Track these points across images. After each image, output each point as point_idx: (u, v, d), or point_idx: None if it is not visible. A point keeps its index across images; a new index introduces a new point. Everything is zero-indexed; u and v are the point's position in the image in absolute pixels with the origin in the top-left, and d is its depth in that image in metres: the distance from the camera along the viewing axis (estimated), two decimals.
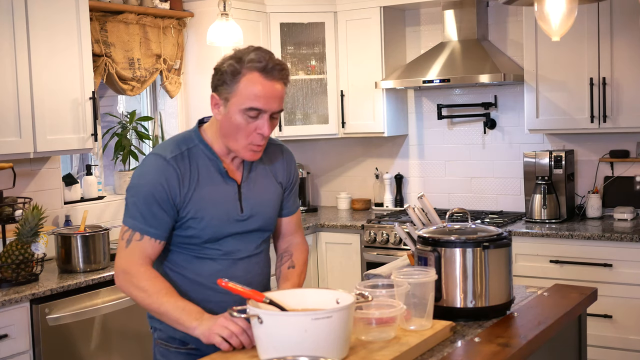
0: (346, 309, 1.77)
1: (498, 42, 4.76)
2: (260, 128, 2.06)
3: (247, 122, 2.05)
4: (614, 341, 3.95)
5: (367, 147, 5.32)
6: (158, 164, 2.09)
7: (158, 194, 2.06)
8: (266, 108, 2.04)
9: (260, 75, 2.03)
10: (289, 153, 2.34)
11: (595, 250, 3.97)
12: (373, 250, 4.56)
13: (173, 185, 2.07)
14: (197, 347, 2.13)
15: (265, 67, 2.03)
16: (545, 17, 2.67)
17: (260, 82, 2.02)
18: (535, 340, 2.09)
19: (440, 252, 2.23)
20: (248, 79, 2.03)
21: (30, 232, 3.24)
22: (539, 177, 4.39)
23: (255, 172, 2.23)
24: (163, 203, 2.07)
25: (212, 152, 2.15)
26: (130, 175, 4.37)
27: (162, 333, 2.21)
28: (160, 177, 2.07)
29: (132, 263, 2.07)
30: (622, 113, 4.12)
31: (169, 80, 4.56)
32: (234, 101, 2.04)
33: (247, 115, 2.04)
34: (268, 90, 2.03)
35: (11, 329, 3.04)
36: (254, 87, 2.02)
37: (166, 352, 2.21)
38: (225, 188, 2.15)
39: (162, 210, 2.07)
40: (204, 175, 2.12)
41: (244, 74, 2.03)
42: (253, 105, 2.03)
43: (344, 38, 4.93)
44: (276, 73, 2.05)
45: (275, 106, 2.06)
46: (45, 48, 3.53)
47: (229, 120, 2.07)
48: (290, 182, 2.33)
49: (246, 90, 2.02)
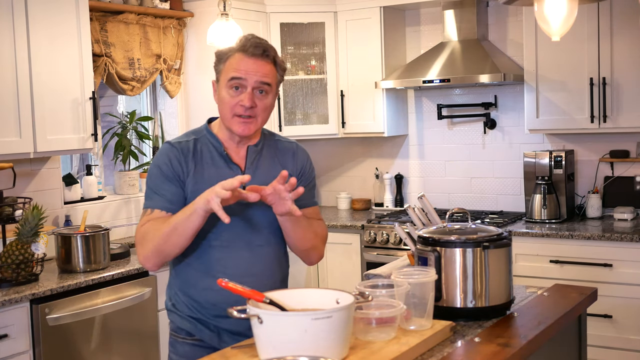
0: (346, 309, 1.77)
1: (498, 42, 4.76)
2: (242, 100, 2.18)
3: (230, 95, 2.19)
4: (614, 341, 3.95)
5: (367, 147, 5.32)
6: (165, 148, 2.26)
7: (163, 168, 2.21)
8: (245, 76, 2.17)
9: (241, 54, 2.19)
10: (302, 149, 2.41)
11: (595, 250, 3.97)
12: (373, 250, 4.56)
13: (175, 162, 2.21)
14: (201, 339, 2.24)
15: (244, 45, 2.19)
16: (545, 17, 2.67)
17: (240, 58, 2.19)
18: (535, 340, 2.09)
19: (440, 252, 2.23)
20: (232, 58, 2.20)
21: (30, 232, 3.24)
22: (539, 177, 4.40)
23: (261, 160, 2.28)
24: (168, 176, 2.20)
25: (217, 139, 2.26)
26: (130, 175, 4.40)
27: (173, 324, 2.32)
28: (163, 157, 2.23)
29: (142, 226, 2.21)
30: (622, 113, 4.12)
31: (169, 80, 4.56)
32: (221, 79, 2.22)
33: (231, 87, 2.19)
34: (248, 63, 2.18)
35: (11, 329, 3.04)
36: (235, 62, 2.19)
37: (174, 342, 2.32)
38: (227, 172, 2.22)
39: (168, 181, 2.19)
40: (207, 158, 2.24)
41: (230, 55, 2.21)
42: (233, 75, 2.18)
43: (344, 38, 4.93)
44: (256, 50, 2.18)
45: (256, 78, 2.17)
46: (45, 48, 3.53)
47: (220, 99, 2.23)
48: (303, 173, 2.36)
49: (229, 66, 2.20)
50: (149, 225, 2.18)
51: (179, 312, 2.28)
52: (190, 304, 2.25)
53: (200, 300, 2.23)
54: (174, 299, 2.31)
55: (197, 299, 2.23)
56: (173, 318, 2.31)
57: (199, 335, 2.25)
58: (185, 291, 2.26)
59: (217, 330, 2.24)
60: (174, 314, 2.30)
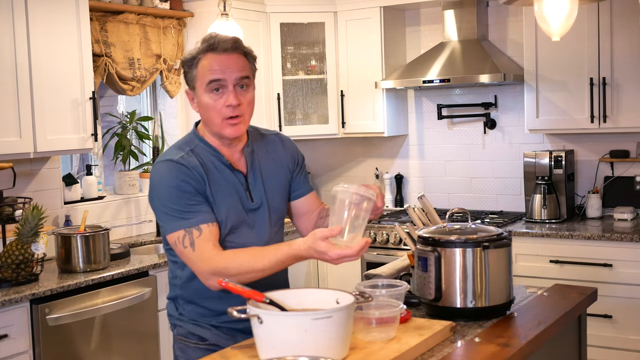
0: (346, 309, 1.77)
1: (498, 42, 4.76)
2: (227, 101, 2.11)
3: (214, 100, 2.11)
4: (614, 341, 3.95)
5: (367, 147, 5.32)
6: (169, 167, 2.13)
7: (182, 187, 2.09)
8: (224, 77, 2.10)
9: (211, 53, 2.11)
10: (286, 138, 2.39)
11: (595, 250, 3.97)
12: (373, 250, 4.56)
13: (190, 178, 2.11)
14: (215, 343, 2.18)
15: (212, 44, 2.11)
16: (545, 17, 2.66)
17: (212, 58, 2.10)
18: (535, 340, 2.09)
19: (440, 252, 2.23)
20: (203, 60, 2.11)
21: (30, 232, 3.24)
22: (539, 177, 4.39)
23: (259, 161, 2.26)
24: (191, 192, 2.10)
25: (212, 147, 2.19)
26: (130, 175, 4.40)
27: (181, 329, 2.25)
28: (177, 176, 2.11)
29: (211, 260, 2.05)
30: (622, 113, 4.12)
31: (169, 80, 4.56)
32: (198, 85, 2.13)
33: (211, 91, 2.11)
34: (222, 61, 2.10)
35: (11, 329, 3.04)
36: (208, 63, 2.11)
37: (185, 347, 2.24)
38: (233, 179, 2.19)
39: (193, 197, 2.10)
40: (211, 169, 2.16)
41: (199, 58, 2.12)
42: (211, 77, 2.10)
43: (344, 38, 4.92)
44: (225, 44, 2.11)
45: (235, 74, 2.11)
46: (45, 48, 3.53)
47: (201, 106, 2.15)
48: (297, 163, 2.36)
49: (203, 69, 2.11)
50: (224, 258, 2.04)
51: (190, 320, 2.23)
52: (203, 313, 2.21)
53: (215, 308, 2.18)
54: (180, 308, 2.26)
55: (212, 307, 2.19)
56: (182, 323, 2.25)
57: (214, 340, 2.20)
58: (197, 302, 2.21)
59: (232, 332, 2.20)
60: (182, 322, 2.24)
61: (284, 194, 2.32)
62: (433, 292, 2.23)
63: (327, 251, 1.91)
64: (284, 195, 2.32)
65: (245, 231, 2.19)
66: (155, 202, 2.14)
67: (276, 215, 2.28)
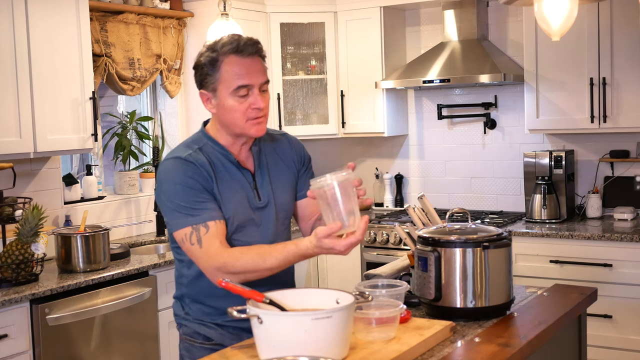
0: (346, 309, 1.77)
1: (498, 42, 4.76)
2: (253, 103, 2.13)
3: (239, 102, 2.12)
4: (614, 341, 3.95)
5: (367, 147, 5.32)
6: (176, 164, 2.14)
7: (189, 184, 2.10)
8: (252, 82, 2.12)
9: (236, 56, 2.11)
10: (294, 138, 2.41)
11: (595, 250, 3.97)
12: (373, 250, 4.56)
13: (197, 175, 2.12)
14: (221, 343, 2.19)
15: (237, 46, 2.11)
16: (545, 17, 2.66)
17: (238, 62, 2.11)
18: (535, 340, 2.09)
19: (440, 252, 2.23)
20: (227, 63, 2.11)
21: (30, 232, 3.24)
22: (539, 177, 4.40)
23: (266, 160, 2.28)
24: (199, 189, 2.11)
25: (221, 146, 2.21)
26: (130, 175, 4.40)
27: (187, 329, 2.26)
28: (184, 173, 2.12)
29: (218, 256, 2.06)
30: (622, 113, 4.12)
31: (169, 80, 4.56)
32: (221, 88, 2.12)
33: (238, 95, 2.12)
34: (248, 65, 2.12)
35: (11, 329, 3.04)
36: (234, 68, 2.11)
37: (190, 347, 2.25)
38: (240, 177, 2.20)
39: (200, 194, 2.11)
40: (219, 167, 2.18)
41: (222, 60, 2.11)
42: (240, 83, 2.11)
43: (344, 38, 4.92)
44: (250, 48, 2.12)
45: (261, 78, 2.14)
46: (45, 48, 3.53)
47: (223, 107, 2.14)
48: (303, 162, 2.37)
49: (228, 73, 2.11)
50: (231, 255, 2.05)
51: (196, 319, 2.24)
52: (209, 312, 2.22)
53: (221, 307, 2.16)
54: (186, 307, 2.27)
55: (218, 306, 2.19)
56: (187, 323, 2.26)
57: (219, 339, 2.21)
58: (203, 301, 2.22)
59: (237, 332, 2.21)
60: (188, 321, 2.25)
61: (291, 193, 2.33)
62: (433, 292, 2.23)
63: (334, 246, 1.93)
64: (291, 194, 2.33)
65: (252, 229, 2.20)
66: (163, 198, 2.14)
67: (283, 213, 2.29)
